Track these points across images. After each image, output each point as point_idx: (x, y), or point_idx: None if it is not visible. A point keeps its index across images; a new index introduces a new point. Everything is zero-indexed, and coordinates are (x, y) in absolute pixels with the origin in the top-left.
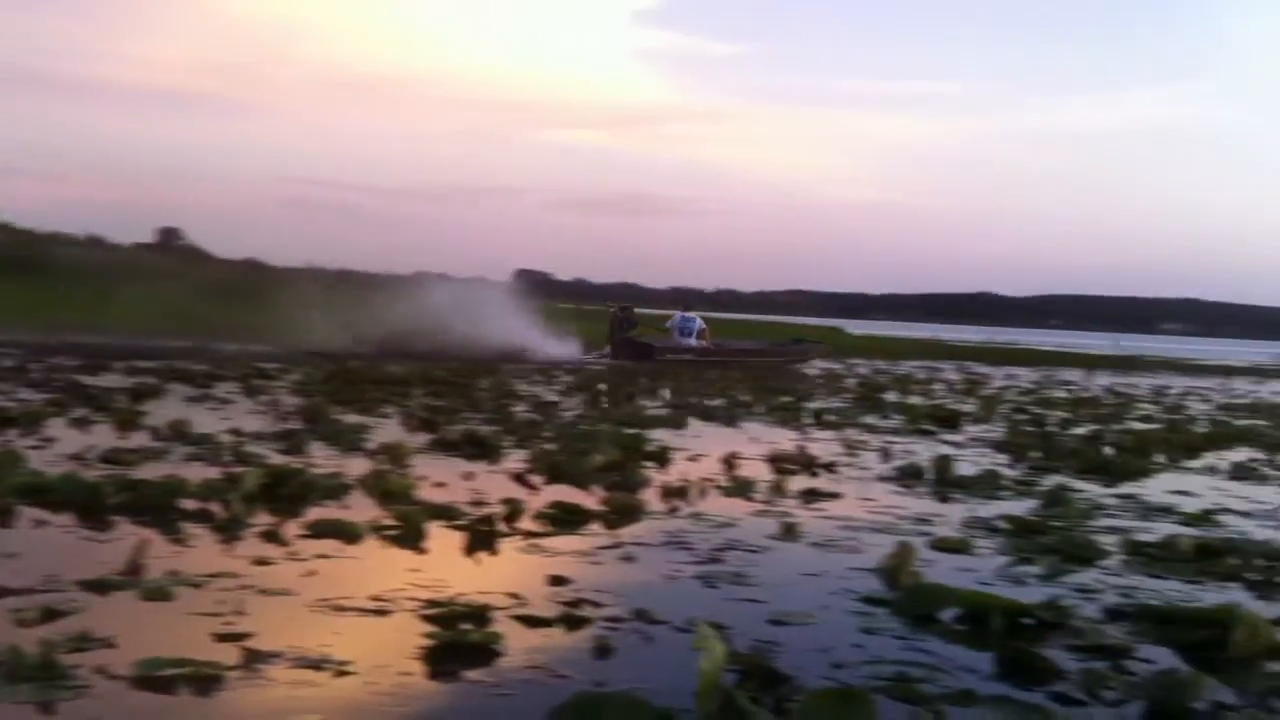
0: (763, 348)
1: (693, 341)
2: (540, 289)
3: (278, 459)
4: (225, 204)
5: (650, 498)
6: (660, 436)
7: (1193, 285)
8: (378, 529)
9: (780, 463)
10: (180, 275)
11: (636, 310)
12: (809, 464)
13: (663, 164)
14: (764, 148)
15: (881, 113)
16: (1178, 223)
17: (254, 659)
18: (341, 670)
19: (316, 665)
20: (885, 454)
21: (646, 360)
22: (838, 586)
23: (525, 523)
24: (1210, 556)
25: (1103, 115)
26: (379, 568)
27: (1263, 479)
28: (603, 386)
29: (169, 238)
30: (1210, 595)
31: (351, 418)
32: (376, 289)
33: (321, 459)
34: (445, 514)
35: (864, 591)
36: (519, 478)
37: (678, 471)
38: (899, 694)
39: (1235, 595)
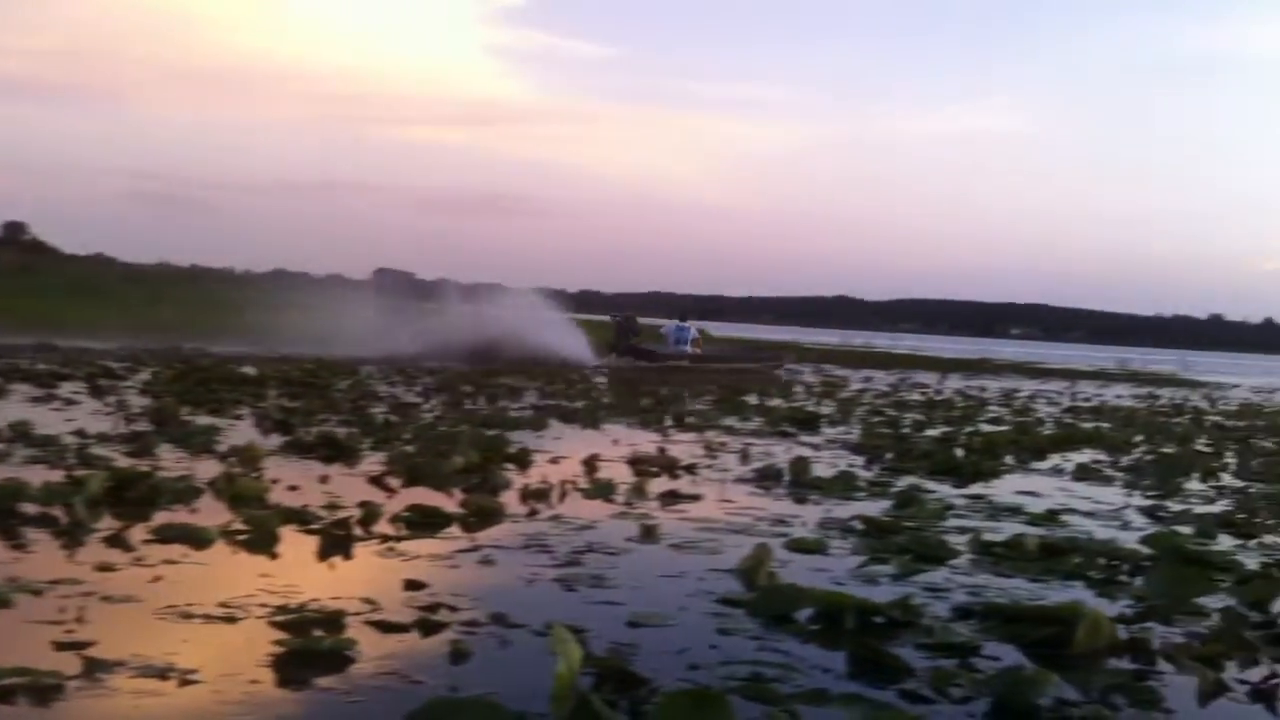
0: (745, 354)
1: (688, 349)
2: (404, 289)
3: (124, 461)
4: (71, 197)
5: (510, 500)
6: (521, 438)
7: (1040, 291)
8: (228, 534)
9: (641, 465)
10: (25, 270)
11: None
12: (670, 466)
13: (525, 164)
14: (625, 149)
15: (740, 117)
16: (1026, 229)
17: (96, 668)
18: (187, 679)
19: (161, 674)
20: (745, 456)
21: (650, 364)
22: (696, 588)
23: (382, 526)
24: (1055, 555)
25: (955, 123)
26: (229, 573)
27: (1106, 480)
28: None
29: (14, 232)
30: (1054, 593)
31: (202, 419)
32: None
33: (170, 461)
34: (299, 518)
35: (722, 592)
36: (376, 480)
37: (538, 474)
38: (753, 694)
39: (1078, 593)
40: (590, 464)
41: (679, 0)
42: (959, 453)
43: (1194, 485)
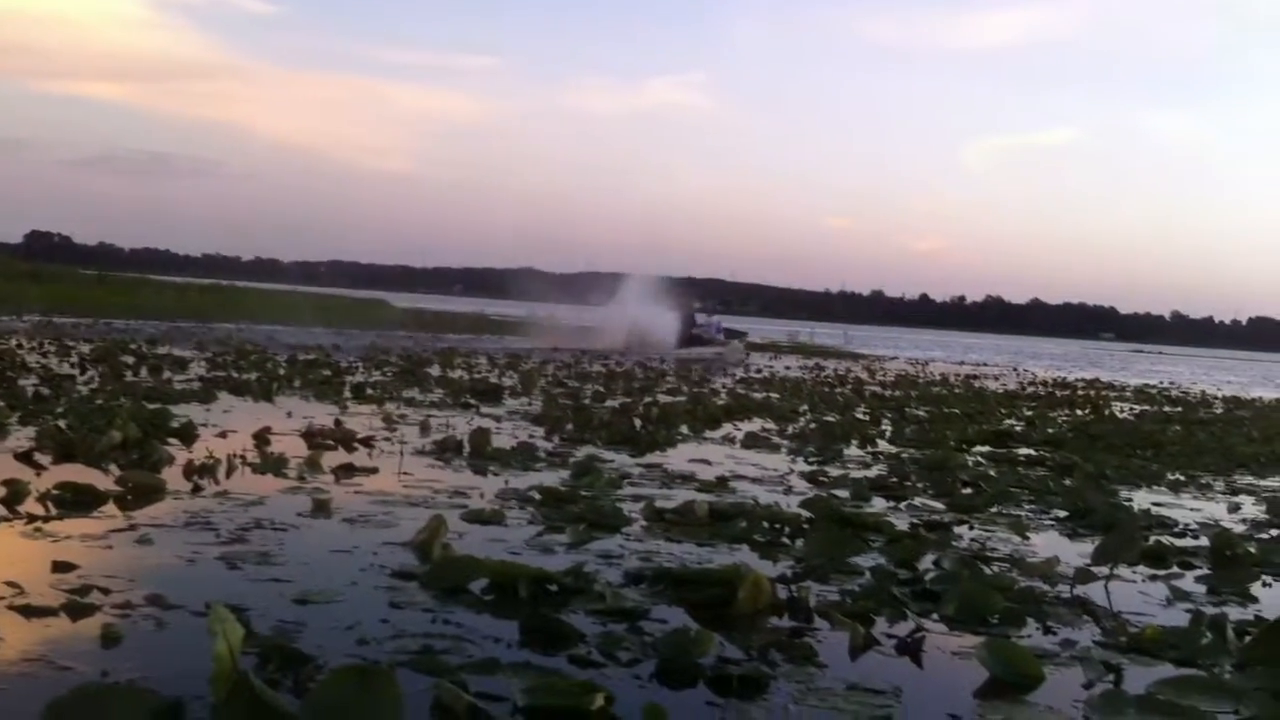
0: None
1: (720, 336)
2: (60, 253)
3: None
4: None
5: (173, 477)
6: (187, 412)
7: (719, 267)
8: None
9: (316, 438)
10: None
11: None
12: (346, 439)
13: (191, 124)
14: (300, 112)
15: (419, 84)
16: (714, 205)
17: None
18: None
19: None
20: (425, 428)
21: (704, 349)
22: (368, 562)
23: (29, 506)
24: (723, 520)
25: (652, 98)
26: None
27: (773, 448)
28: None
29: None
30: (720, 557)
31: None
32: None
33: None
34: None
35: (395, 566)
36: (24, 457)
37: (204, 449)
38: (423, 667)
39: (743, 556)
40: (261, 438)
41: None
42: (637, 423)
43: (853, 451)
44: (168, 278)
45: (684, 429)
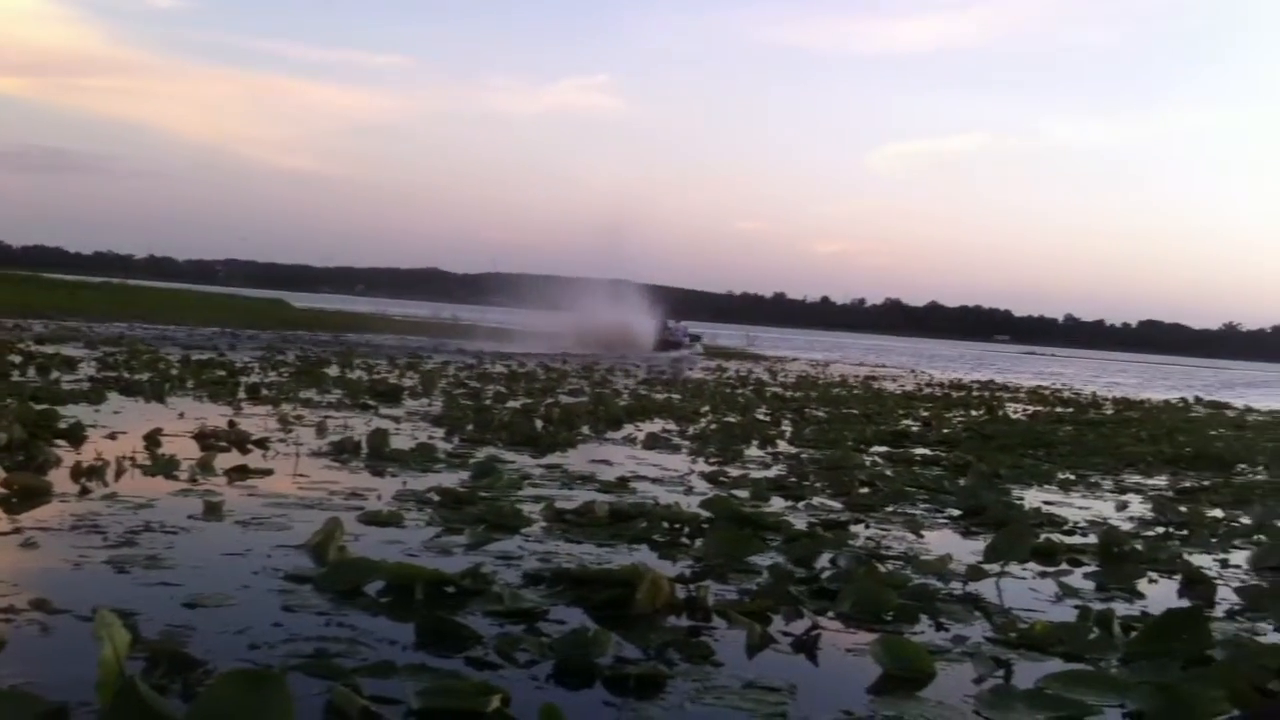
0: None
1: (686, 339)
2: None
3: None
4: None
5: (59, 479)
6: (76, 413)
7: (625, 270)
8: None
9: (209, 439)
10: None
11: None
12: (240, 440)
13: (86, 119)
14: (202, 108)
15: (324, 81)
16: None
17: None
18: None
19: None
20: (321, 429)
21: (675, 351)
22: (261, 565)
23: None
24: (623, 521)
25: (560, 99)
26: None
27: (674, 448)
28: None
29: None
30: (620, 557)
31: None
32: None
33: None
34: None
35: (289, 569)
36: None
37: (93, 450)
38: (316, 670)
39: (642, 556)
40: (152, 439)
41: None
42: (538, 424)
43: (753, 452)
44: (58, 275)
45: (585, 430)
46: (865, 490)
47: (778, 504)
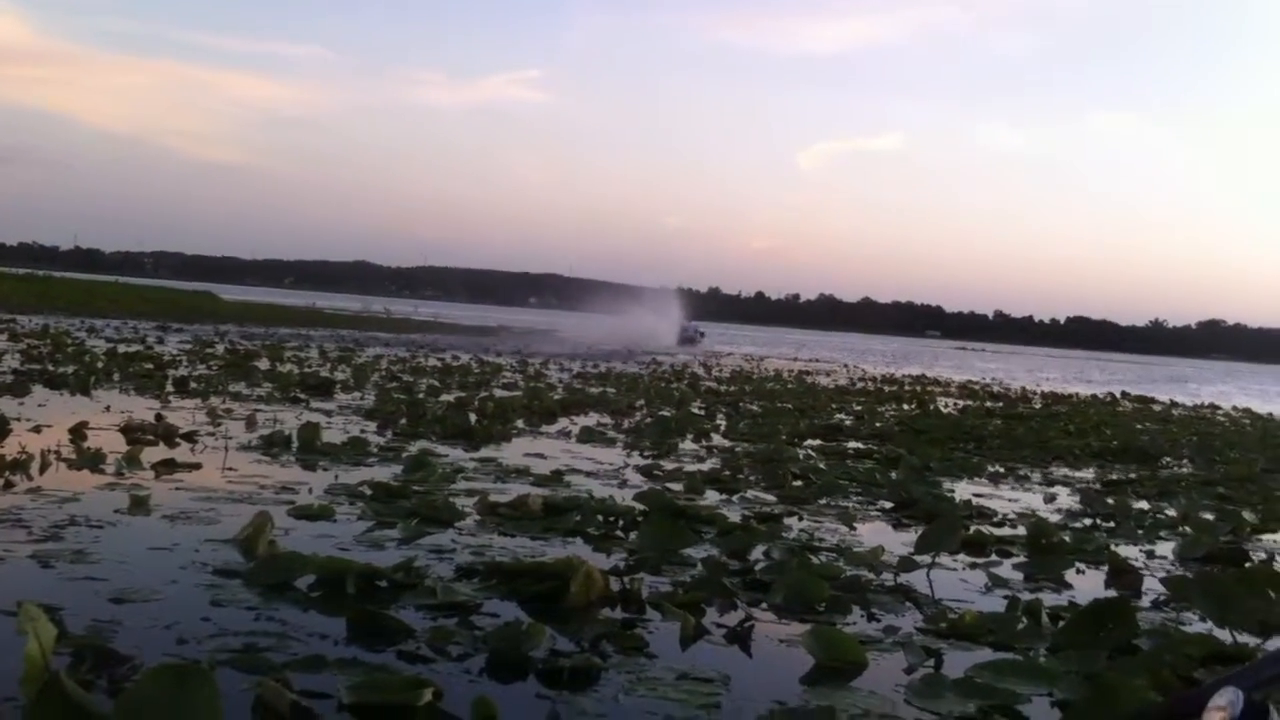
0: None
1: (698, 335)
2: None
3: None
4: None
5: None
6: None
7: (556, 263)
8: None
9: (136, 433)
10: None
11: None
12: (168, 434)
13: (7, 109)
14: (124, 99)
15: (249, 72)
16: (548, 200)
17: None
18: None
19: None
20: (251, 423)
21: (692, 346)
22: (189, 560)
23: None
24: (557, 514)
25: (488, 93)
26: None
27: (609, 442)
28: None
29: None
30: (554, 550)
31: None
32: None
33: None
34: None
35: (218, 564)
36: None
37: (16, 443)
38: (245, 665)
39: (577, 549)
40: (78, 432)
41: None
42: (472, 417)
43: (688, 445)
44: None
45: (520, 423)
46: (799, 483)
47: (712, 497)
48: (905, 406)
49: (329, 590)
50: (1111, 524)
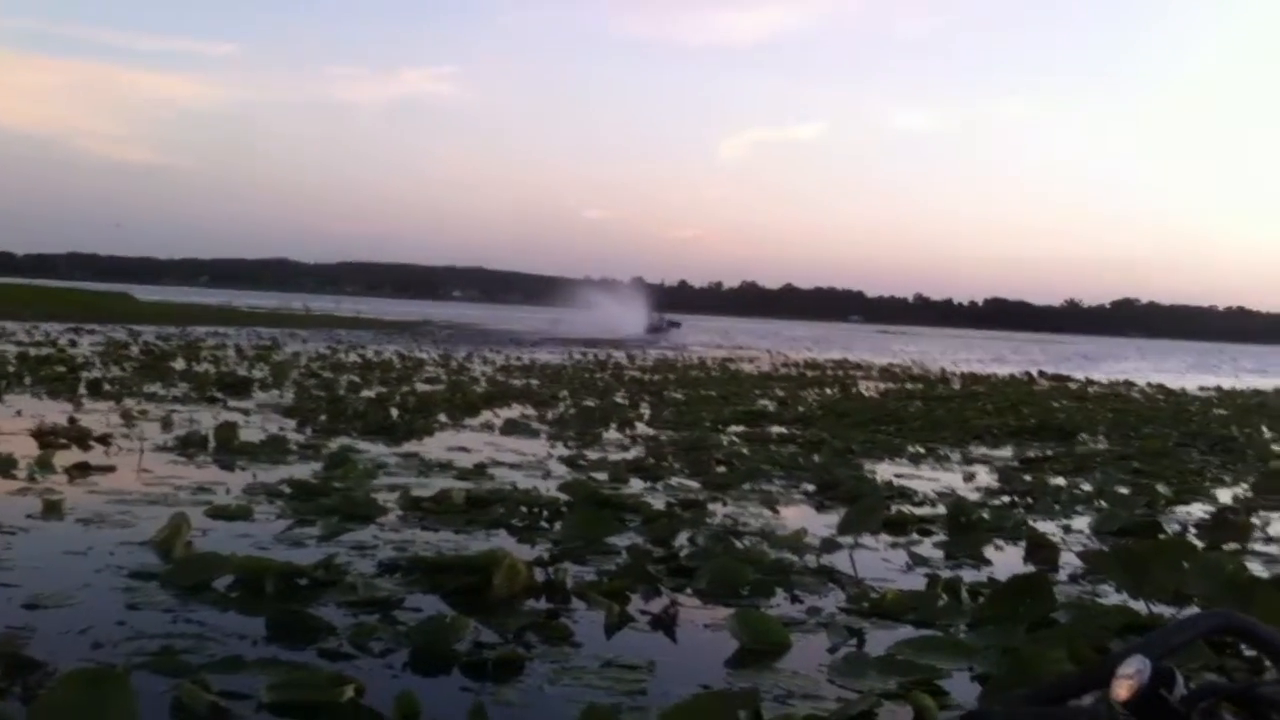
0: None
1: (667, 325)
2: None
3: None
4: None
5: None
6: None
7: (479, 256)
8: None
9: (48, 436)
10: None
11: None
12: (81, 437)
13: None
14: (31, 98)
15: (157, 70)
16: (468, 194)
17: None
18: None
19: None
20: (167, 424)
21: (663, 335)
22: (104, 563)
23: None
24: (480, 507)
25: (406, 88)
26: None
27: (533, 434)
28: None
29: None
30: (477, 543)
31: None
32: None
33: None
34: None
35: (134, 567)
36: None
37: None
38: (163, 667)
39: (500, 541)
40: None
41: None
42: (394, 412)
43: (612, 435)
44: None
45: (443, 417)
46: (722, 469)
47: (636, 485)
48: (828, 391)
49: (248, 590)
50: (1029, 500)
